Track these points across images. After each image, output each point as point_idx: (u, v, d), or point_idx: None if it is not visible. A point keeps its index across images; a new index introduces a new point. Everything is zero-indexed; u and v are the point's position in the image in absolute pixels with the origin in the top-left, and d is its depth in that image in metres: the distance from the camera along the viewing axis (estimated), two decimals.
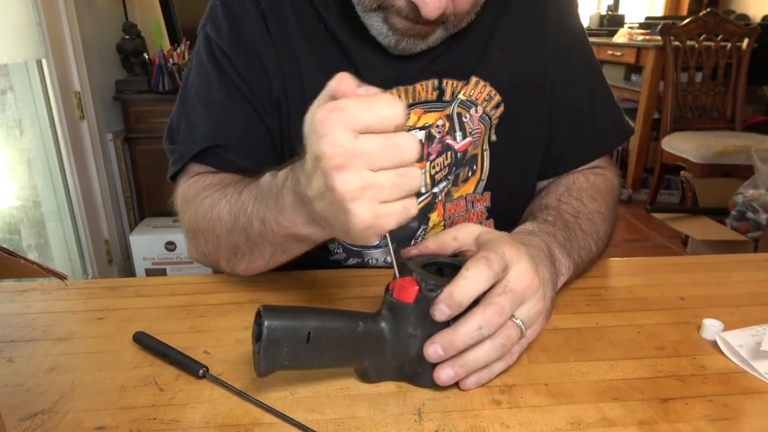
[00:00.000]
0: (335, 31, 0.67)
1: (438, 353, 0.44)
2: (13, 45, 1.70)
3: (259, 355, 0.41)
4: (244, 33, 0.67)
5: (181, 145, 0.68)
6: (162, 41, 2.51)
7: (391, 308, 0.46)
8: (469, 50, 0.69)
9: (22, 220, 1.92)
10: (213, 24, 0.68)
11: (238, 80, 0.67)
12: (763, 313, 0.60)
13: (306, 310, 0.45)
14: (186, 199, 0.67)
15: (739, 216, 2.44)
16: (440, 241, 0.52)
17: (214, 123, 0.67)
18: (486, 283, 0.44)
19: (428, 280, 0.45)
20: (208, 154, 0.67)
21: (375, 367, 0.47)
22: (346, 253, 0.73)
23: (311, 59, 0.67)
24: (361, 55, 0.67)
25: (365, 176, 0.40)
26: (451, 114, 0.70)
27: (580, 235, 0.63)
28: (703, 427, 0.43)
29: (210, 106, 0.68)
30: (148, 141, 2.19)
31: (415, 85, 0.68)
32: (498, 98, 0.71)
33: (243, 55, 0.67)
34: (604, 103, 0.77)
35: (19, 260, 0.41)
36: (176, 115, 0.71)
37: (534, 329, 0.49)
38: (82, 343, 0.54)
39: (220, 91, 0.67)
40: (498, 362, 0.47)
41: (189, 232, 0.66)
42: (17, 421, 0.43)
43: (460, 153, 0.71)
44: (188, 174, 0.69)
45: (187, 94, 0.70)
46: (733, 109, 2.97)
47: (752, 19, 3.83)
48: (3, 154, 1.84)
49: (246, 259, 0.61)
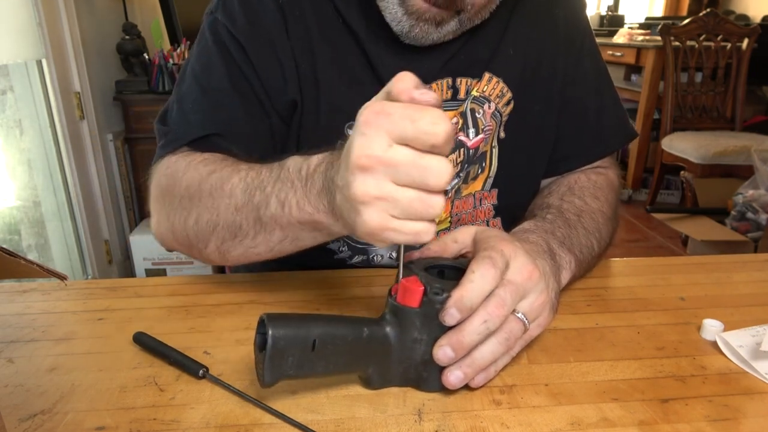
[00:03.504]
0: (353, 26, 0.66)
1: (448, 355, 0.44)
2: (13, 45, 1.70)
3: (264, 366, 0.40)
4: (261, 25, 0.64)
5: (175, 127, 0.64)
6: (162, 41, 2.51)
7: (395, 312, 0.45)
8: (483, 48, 0.69)
9: (22, 220, 1.92)
10: (226, 11, 0.65)
11: (249, 71, 0.64)
12: (763, 313, 0.61)
13: (310, 317, 0.44)
14: (173, 170, 0.61)
15: (739, 216, 2.44)
16: (442, 243, 0.52)
17: (213, 110, 0.64)
18: (493, 283, 0.44)
19: (433, 283, 0.44)
20: (204, 141, 0.63)
21: (380, 373, 0.46)
22: (351, 251, 0.73)
23: (327, 57, 0.66)
24: (378, 52, 0.66)
25: (385, 186, 0.39)
26: (464, 111, 0.69)
27: (581, 233, 0.63)
28: (703, 427, 0.43)
29: (208, 92, 0.64)
30: (148, 141, 2.18)
31: (430, 85, 0.68)
32: (510, 95, 0.71)
33: (257, 46, 0.64)
34: (610, 104, 0.77)
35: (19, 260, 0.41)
36: (172, 99, 0.67)
37: (539, 323, 0.48)
38: (82, 343, 0.54)
39: (226, 79, 0.64)
40: (502, 357, 0.46)
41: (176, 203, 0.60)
42: (17, 421, 0.43)
43: (471, 150, 0.71)
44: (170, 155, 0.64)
45: (185, 80, 0.67)
46: (733, 109, 2.97)
47: (752, 19, 3.82)
48: (3, 154, 1.84)
49: (246, 243, 0.56)
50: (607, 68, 0.78)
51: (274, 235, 0.54)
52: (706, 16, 2.87)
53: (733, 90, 2.94)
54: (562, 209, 0.66)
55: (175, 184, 0.60)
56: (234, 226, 0.55)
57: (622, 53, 3.40)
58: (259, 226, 0.54)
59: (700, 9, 3.87)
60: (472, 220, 0.74)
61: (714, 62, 2.91)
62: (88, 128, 2.02)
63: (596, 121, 0.75)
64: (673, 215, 2.83)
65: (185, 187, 0.59)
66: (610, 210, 0.70)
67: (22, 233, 1.93)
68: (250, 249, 0.57)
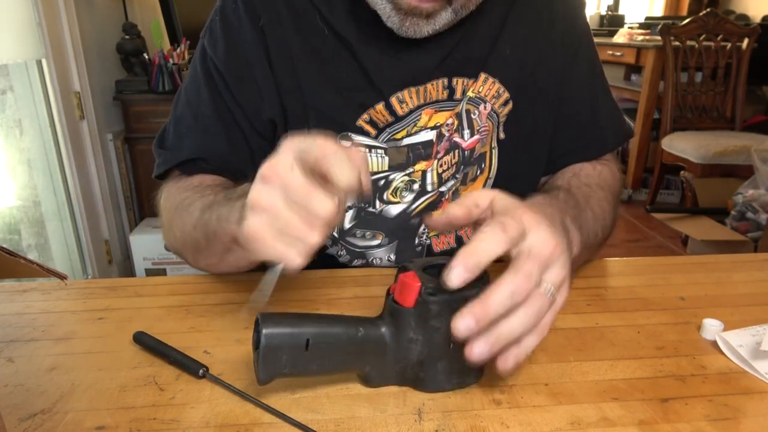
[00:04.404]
0: (343, 34, 0.66)
1: (469, 325, 0.40)
2: (13, 45, 1.70)
3: (259, 363, 0.41)
4: (240, 51, 0.67)
5: (167, 151, 0.70)
6: (162, 41, 2.51)
7: (391, 312, 0.45)
8: (479, 45, 0.69)
9: (22, 220, 1.92)
10: (210, 38, 0.69)
11: (229, 98, 0.68)
12: (763, 313, 0.61)
13: (305, 316, 0.44)
14: (167, 195, 0.69)
15: (738, 216, 2.44)
16: (465, 208, 0.47)
17: (201, 135, 0.69)
18: (501, 246, 0.41)
19: (428, 283, 0.44)
20: (190, 164, 0.69)
21: (377, 372, 0.46)
22: (350, 255, 0.74)
23: (313, 69, 0.67)
24: (371, 57, 0.67)
25: (276, 201, 0.41)
26: (460, 112, 0.69)
27: (590, 215, 0.62)
28: (703, 427, 0.43)
29: (199, 117, 0.69)
30: (148, 141, 2.16)
31: (426, 85, 0.68)
32: (506, 95, 0.70)
33: (236, 73, 0.68)
34: (606, 103, 0.77)
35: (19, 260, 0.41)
36: (170, 120, 0.72)
37: (561, 298, 0.45)
38: (82, 343, 0.54)
39: (210, 105, 0.68)
40: (530, 336, 0.43)
41: (165, 224, 0.68)
42: (17, 421, 0.43)
43: (467, 151, 0.71)
44: (171, 176, 0.71)
45: (180, 101, 0.71)
46: (733, 109, 2.97)
47: (752, 19, 3.82)
48: (3, 154, 1.84)
49: (205, 255, 0.62)
50: (603, 68, 0.78)
51: (218, 249, 0.59)
52: (706, 16, 2.87)
53: (733, 90, 2.95)
54: (571, 191, 0.65)
55: (165, 207, 0.68)
56: (194, 241, 0.61)
57: (622, 53, 3.40)
58: (206, 242, 0.59)
59: (700, 9, 3.87)
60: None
61: (714, 62, 2.91)
62: (88, 128, 2.02)
63: (592, 121, 0.75)
64: (673, 215, 2.83)
65: (169, 209, 0.67)
66: (614, 201, 0.70)
67: (22, 233, 1.93)
68: (209, 261, 0.64)
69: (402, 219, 0.72)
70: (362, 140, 0.68)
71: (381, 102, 0.67)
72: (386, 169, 0.69)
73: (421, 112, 0.68)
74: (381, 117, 0.68)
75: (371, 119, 0.68)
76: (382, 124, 0.68)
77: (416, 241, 0.73)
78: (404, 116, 0.68)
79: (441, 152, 0.70)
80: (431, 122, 0.69)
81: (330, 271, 0.71)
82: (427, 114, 0.69)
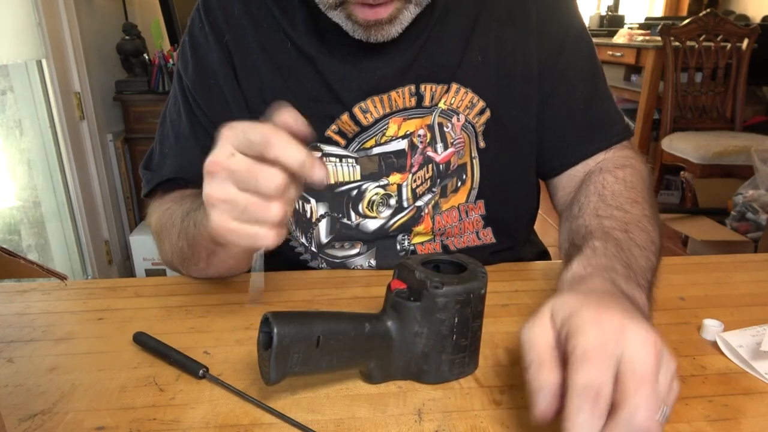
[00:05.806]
0: (304, 48, 0.66)
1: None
2: (13, 45, 1.70)
3: (270, 363, 0.41)
4: (208, 68, 0.69)
5: (151, 172, 0.72)
6: (162, 41, 2.51)
7: (395, 307, 0.46)
8: (448, 50, 0.67)
9: (22, 221, 1.92)
10: (182, 59, 0.71)
11: (202, 116, 0.69)
12: (763, 313, 0.60)
13: (313, 314, 0.45)
14: (153, 212, 0.71)
15: (738, 216, 2.44)
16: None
17: (180, 155, 0.70)
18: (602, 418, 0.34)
19: (432, 277, 0.45)
20: (171, 183, 0.70)
21: (381, 367, 0.47)
22: (330, 267, 0.73)
23: (279, 84, 0.68)
24: (332, 69, 0.66)
25: (228, 190, 0.43)
26: (431, 124, 0.68)
27: (637, 253, 0.53)
28: (703, 427, 0.43)
29: (179, 137, 0.71)
30: (148, 141, 2.16)
31: (390, 93, 0.66)
32: (482, 104, 0.68)
33: (206, 91, 0.69)
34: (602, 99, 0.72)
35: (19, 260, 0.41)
36: (155, 141, 0.75)
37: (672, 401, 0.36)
38: (82, 343, 0.54)
39: (187, 125, 0.70)
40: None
41: (156, 240, 0.70)
42: (17, 421, 0.43)
43: (442, 165, 0.69)
44: (157, 195, 0.73)
45: (165, 122, 0.73)
46: (732, 109, 2.97)
47: (752, 20, 3.83)
48: (3, 154, 1.84)
49: (193, 261, 0.63)
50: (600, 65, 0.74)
51: (203, 253, 0.60)
52: (706, 16, 2.87)
53: (733, 90, 2.94)
54: (605, 229, 0.56)
55: (152, 223, 0.70)
56: (180, 250, 0.63)
57: (622, 53, 3.39)
58: (190, 248, 0.61)
59: (700, 9, 3.87)
60: (460, 232, 0.72)
61: (714, 62, 2.91)
62: (88, 128, 2.03)
63: (587, 116, 0.71)
64: (673, 215, 2.83)
65: (156, 224, 0.68)
66: (651, 209, 0.62)
67: (22, 233, 1.93)
68: (198, 267, 0.64)
69: (380, 233, 0.71)
70: (332, 150, 0.68)
71: (345, 113, 0.67)
72: (358, 179, 0.69)
73: (389, 120, 0.67)
74: (348, 127, 0.67)
75: (340, 130, 0.68)
76: (350, 134, 0.68)
77: (398, 247, 0.72)
78: (370, 126, 0.67)
79: (415, 166, 0.69)
80: (401, 131, 0.68)
81: (330, 271, 0.71)
82: (395, 122, 0.68)
